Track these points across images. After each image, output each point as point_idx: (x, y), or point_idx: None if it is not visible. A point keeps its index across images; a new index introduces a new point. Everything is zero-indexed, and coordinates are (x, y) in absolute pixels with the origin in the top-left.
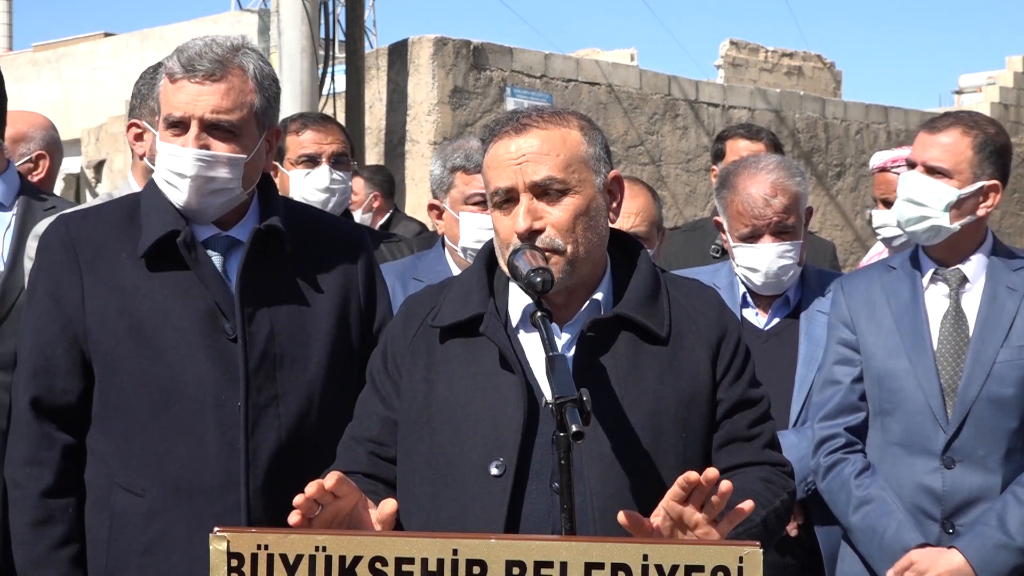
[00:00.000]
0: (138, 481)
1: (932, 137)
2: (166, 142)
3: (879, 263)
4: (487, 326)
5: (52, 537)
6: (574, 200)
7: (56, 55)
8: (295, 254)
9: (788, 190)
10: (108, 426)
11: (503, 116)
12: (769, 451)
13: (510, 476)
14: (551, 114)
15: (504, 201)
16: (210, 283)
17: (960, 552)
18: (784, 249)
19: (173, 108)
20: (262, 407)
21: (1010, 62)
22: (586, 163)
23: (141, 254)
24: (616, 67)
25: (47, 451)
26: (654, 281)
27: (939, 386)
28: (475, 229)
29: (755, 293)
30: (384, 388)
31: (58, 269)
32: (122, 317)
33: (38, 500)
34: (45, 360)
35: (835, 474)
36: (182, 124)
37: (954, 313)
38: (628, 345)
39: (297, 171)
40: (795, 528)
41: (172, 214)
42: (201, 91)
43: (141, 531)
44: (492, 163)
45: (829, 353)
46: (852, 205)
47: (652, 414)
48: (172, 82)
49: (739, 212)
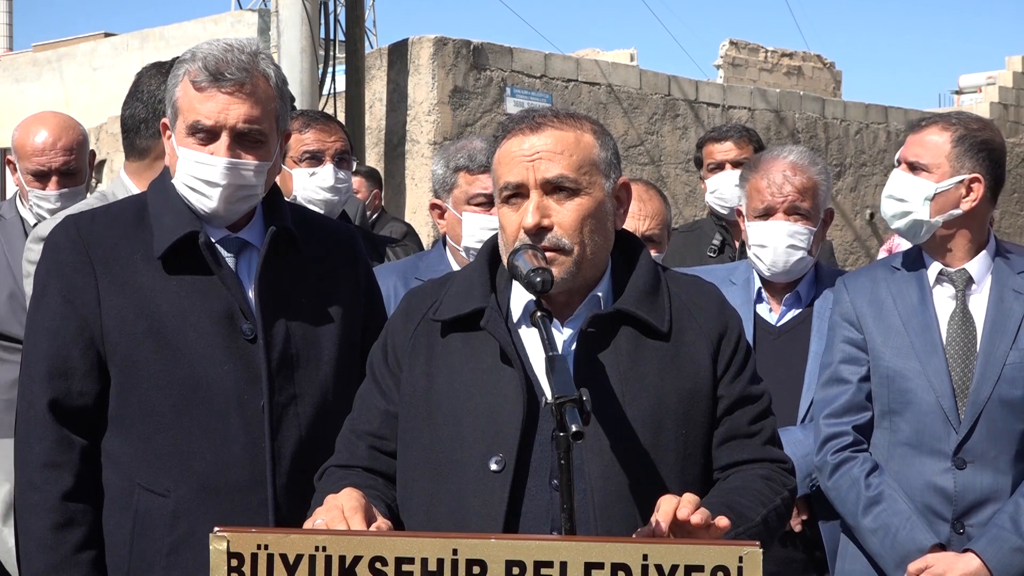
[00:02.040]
0: (162, 482)
1: (915, 136)
2: (191, 149)
3: (882, 262)
4: (488, 320)
5: (73, 541)
6: (583, 201)
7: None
8: (303, 256)
9: (806, 172)
10: (127, 428)
11: (518, 114)
12: (770, 448)
13: (510, 472)
14: (566, 115)
15: (512, 196)
16: (229, 284)
17: (977, 555)
18: (795, 229)
19: (202, 116)
20: (283, 406)
21: (1010, 62)
22: (597, 166)
23: (158, 255)
24: (616, 67)
25: (66, 454)
26: (654, 277)
27: (951, 387)
28: (478, 229)
29: (769, 288)
30: (384, 381)
31: (70, 271)
32: (140, 319)
33: (59, 503)
34: (62, 362)
35: (843, 472)
36: (210, 132)
37: (961, 314)
38: (629, 340)
39: (300, 169)
40: (799, 523)
41: (187, 216)
42: (232, 101)
43: (167, 532)
44: (504, 158)
45: (834, 351)
46: (852, 205)
47: (653, 409)
48: (199, 90)
49: (757, 189)
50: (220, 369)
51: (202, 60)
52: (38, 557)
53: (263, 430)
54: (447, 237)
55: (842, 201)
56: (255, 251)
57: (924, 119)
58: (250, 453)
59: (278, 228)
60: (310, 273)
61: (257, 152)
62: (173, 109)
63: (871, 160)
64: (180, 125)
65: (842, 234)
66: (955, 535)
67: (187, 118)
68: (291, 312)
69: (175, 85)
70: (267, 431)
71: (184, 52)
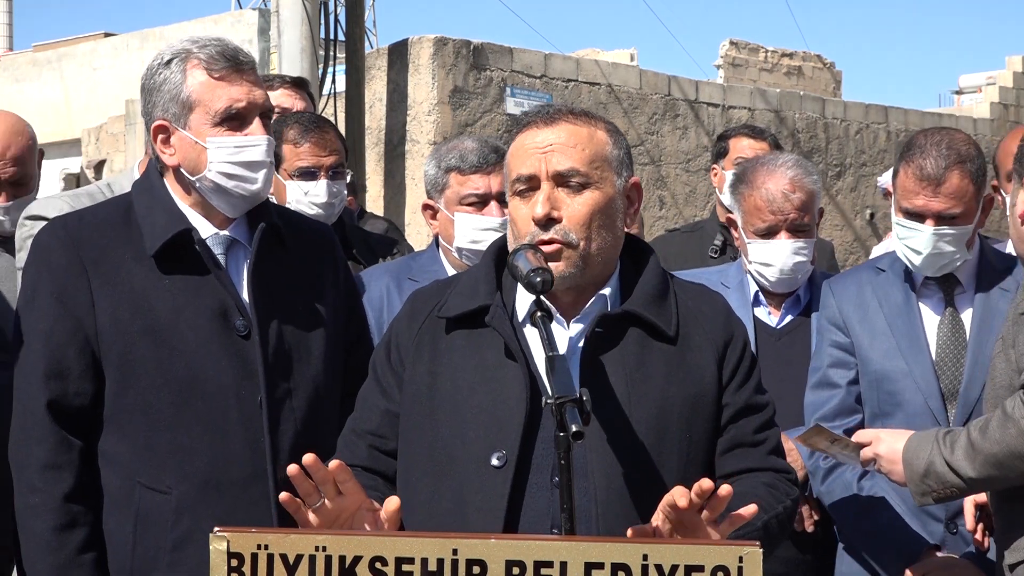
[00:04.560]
0: (163, 479)
1: (936, 188)
2: (224, 136)
3: (867, 265)
4: (493, 317)
5: (76, 542)
6: (594, 195)
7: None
8: (290, 253)
9: (806, 187)
10: (125, 427)
11: (533, 109)
12: (774, 458)
13: (511, 468)
14: (582, 112)
15: (525, 189)
16: (223, 281)
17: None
18: (799, 246)
19: (234, 101)
20: (279, 401)
21: (1010, 62)
22: (609, 163)
23: (151, 254)
24: (616, 67)
25: (66, 455)
26: (663, 281)
27: (938, 388)
28: (470, 230)
29: (767, 292)
30: (386, 380)
31: (61, 272)
32: (135, 318)
33: (60, 504)
34: (58, 363)
35: (836, 476)
36: (240, 117)
37: (950, 317)
38: (636, 342)
39: (293, 183)
40: (812, 524)
41: (177, 214)
42: (254, 84)
43: (169, 528)
44: (517, 151)
45: (822, 355)
46: (852, 205)
47: (658, 412)
48: (221, 79)
49: (757, 207)
50: (217, 366)
51: (213, 50)
52: (42, 559)
53: (261, 425)
54: (439, 238)
55: (842, 201)
56: (243, 248)
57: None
58: (250, 448)
59: (267, 225)
60: (297, 269)
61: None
62: (184, 104)
63: (871, 160)
64: (201, 117)
65: (842, 234)
66: (948, 535)
67: (214, 106)
68: (282, 308)
69: (181, 81)
70: (266, 425)
71: (171, 50)
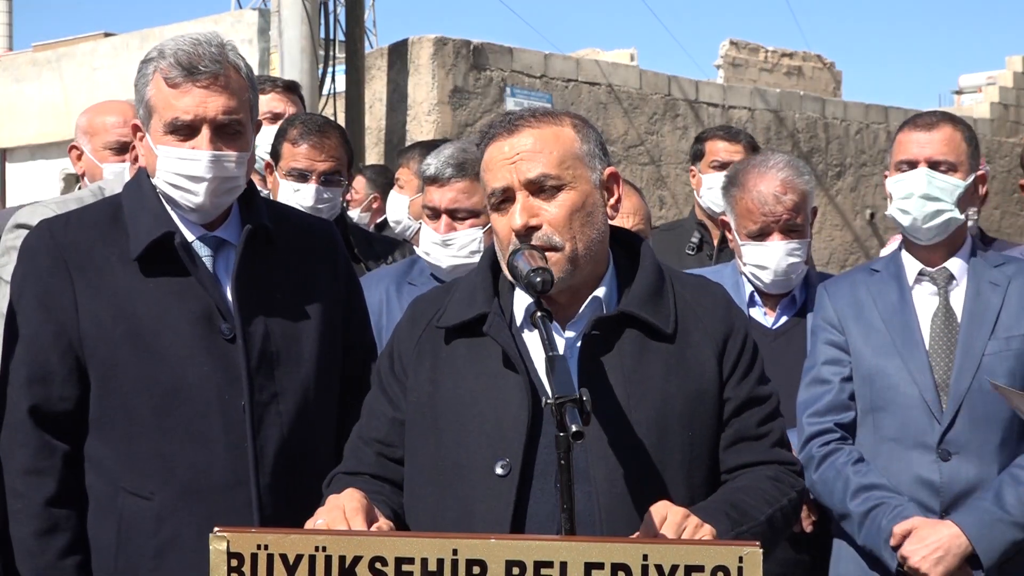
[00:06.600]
0: (145, 484)
1: (928, 135)
2: (171, 146)
3: (861, 267)
4: (491, 325)
5: (58, 546)
6: (569, 196)
7: (56, 55)
8: (281, 253)
9: (797, 188)
10: (108, 432)
11: (496, 119)
12: (778, 450)
13: (515, 476)
14: (543, 113)
15: (501, 202)
16: (206, 284)
17: (956, 524)
18: (793, 247)
19: (180, 112)
20: (264, 405)
21: (1010, 62)
22: (580, 159)
23: (134, 257)
24: (616, 67)
25: (48, 460)
26: (658, 277)
27: (932, 381)
28: (428, 242)
29: (762, 292)
30: (391, 389)
31: (46, 275)
32: (118, 321)
33: (42, 509)
34: (40, 368)
35: (829, 463)
36: (189, 128)
37: (944, 310)
38: (633, 343)
39: (287, 183)
40: (810, 524)
41: (162, 216)
42: (208, 94)
43: (152, 535)
44: (488, 166)
45: (817, 354)
46: (852, 205)
47: (658, 412)
48: (173, 87)
49: (749, 209)
50: (199, 371)
51: (172, 56)
52: (23, 564)
53: (244, 430)
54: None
55: (842, 201)
56: (233, 249)
57: (919, 117)
58: (232, 453)
59: (254, 226)
60: (289, 269)
61: (237, 143)
62: (146, 109)
63: (871, 160)
64: (156, 124)
65: (842, 234)
66: None
67: (164, 116)
68: (270, 310)
69: (145, 85)
70: (249, 431)
71: (150, 51)
